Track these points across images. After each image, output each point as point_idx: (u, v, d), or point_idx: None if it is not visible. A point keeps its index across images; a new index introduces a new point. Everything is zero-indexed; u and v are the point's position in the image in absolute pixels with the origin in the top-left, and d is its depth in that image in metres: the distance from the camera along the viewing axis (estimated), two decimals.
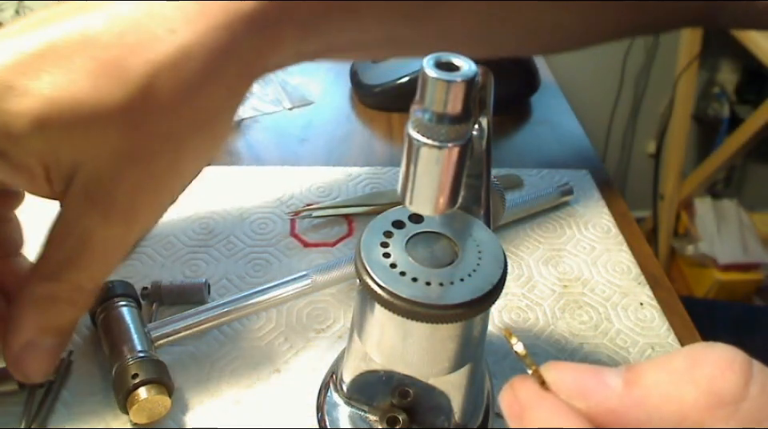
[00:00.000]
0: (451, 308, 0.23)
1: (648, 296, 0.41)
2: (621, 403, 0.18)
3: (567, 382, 0.19)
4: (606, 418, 0.18)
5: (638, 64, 1.55)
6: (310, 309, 0.39)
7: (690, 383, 0.17)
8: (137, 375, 0.31)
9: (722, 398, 0.17)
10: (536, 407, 0.19)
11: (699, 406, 0.17)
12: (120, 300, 0.35)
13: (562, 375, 0.19)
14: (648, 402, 0.18)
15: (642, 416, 0.18)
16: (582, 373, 0.19)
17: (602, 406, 0.18)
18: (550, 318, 0.39)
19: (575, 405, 0.19)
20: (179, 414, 0.33)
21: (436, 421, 0.30)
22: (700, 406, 0.17)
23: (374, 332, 0.27)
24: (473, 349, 0.28)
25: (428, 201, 0.23)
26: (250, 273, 0.41)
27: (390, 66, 0.57)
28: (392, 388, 0.30)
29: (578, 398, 0.19)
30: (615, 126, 1.65)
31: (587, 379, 0.19)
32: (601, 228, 0.46)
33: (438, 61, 0.21)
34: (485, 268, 0.25)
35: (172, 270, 0.41)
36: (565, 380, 0.19)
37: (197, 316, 0.36)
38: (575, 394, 0.19)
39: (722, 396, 0.17)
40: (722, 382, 0.17)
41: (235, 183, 0.48)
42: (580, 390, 0.19)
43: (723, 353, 0.18)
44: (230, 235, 0.43)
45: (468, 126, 0.22)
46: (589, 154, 0.55)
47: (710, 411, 0.17)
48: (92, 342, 0.36)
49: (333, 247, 0.43)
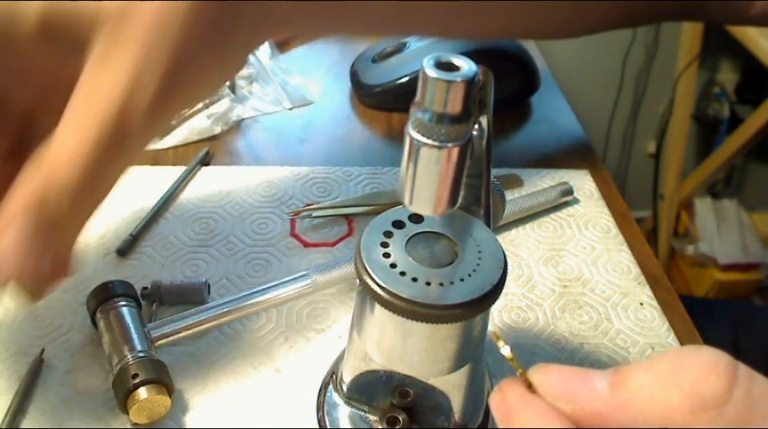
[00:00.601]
0: (451, 308, 0.23)
1: (648, 296, 0.41)
2: (606, 406, 0.18)
3: (553, 384, 0.19)
4: (591, 421, 0.18)
5: (638, 64, 1.55)
6: (310, 309, 0.39)
7: (675, 386, 0.17)
8: (137, 375, 0.31)
9: (706, 402, 0.17)
10: (522, 410, 0.19)
11: (683, 410, 0.17)
12: (120, 300, 0.35)
13: (548, 378, 0.19)
14: (633, 406, 0.18)
15: (626, 419, 0.18)
16: (569, 376, 0.19)
17: (587, 408, 0.18)
18: (550, 318, 0.39)
19: (561, 407, 0.19)
20: (179, 414, 0.33)
21: (436, 421, 0.30)
22: (684, 410, 0.17)
23: (373, 332, 0.27)
24: (473, 349, 0.28)
25: (428, 201, 0.23)
26: (250, 273, 0.41)
27: (390, 66, 0.57)
28: (392, 388, 0.30)
29: (564, 401, 0.19)
30: (615, 126, 1.65)
31: (573, 382, 0.19)
32: (601, 228, 0.46)
33: (438, 61, 0.21)
34: (485, 268, 0.25)
35: (172, 270, 0.41)
36: (551, 383, 0.19)
37: (197, 316, 0.36)
38: (561, 396, 0.19)
39: (706, 400, 0.17)
40: (706, 386, 0.17)
41: (235, 183, 0.48)
42: (566, 392, 0.19)
43: (708, 356, 0.18)
44: (230, 235, 0.43)
45: (468, 126, 0.22)
46: (589, 154, 0.55)
47: (693, 415, 0.17)
48: (92, 342, 0.36)
49: (333, 247, 0.43)
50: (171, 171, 0.48)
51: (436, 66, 0.21)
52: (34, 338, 0.36)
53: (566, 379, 0.19)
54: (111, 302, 0.35)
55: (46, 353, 0.35)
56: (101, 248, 0.42)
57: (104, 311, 0.34)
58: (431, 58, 0.21)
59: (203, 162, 0.50)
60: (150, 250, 0.42)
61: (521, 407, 0.19)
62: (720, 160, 1.41)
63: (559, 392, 0.19)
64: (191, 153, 0.51)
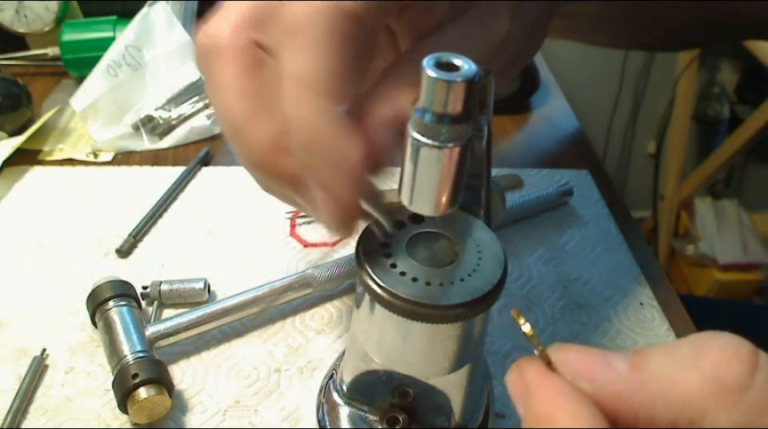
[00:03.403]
0: (451, 308, 0.23)
1: (648, 296, 0.41)
2: (626, 386, 0.18)
3: (573, 363, 0.19)
4: (610, 401, 0.18)
5: (638, 64, 1.55)
6: (310, 309, 0.39)
7: (696, 370, 0.17)
8: (137, 375, 0.31)
9: (727, 386, 0.17)
10: (541, 387, 0.19)
11: (704, 393, 0.17)
12: (120, 300, 0.35)
13: (568, 356, 0.19)
14: (653, 387, 0.18)
15: (646, 400, 0.18)
16: (589, 355, 0.19)
17: (607, 388, 0.18)
18: (550, 318, 0.39)
19: (581, 386, 0.19)
20: (179, 414, 0.33)
21: (436, 421, 0.30)
22: (705, 393, 0.17)
23: (374, 332, 0.27)
24: (473, 349, 0.28)
25: (428, 201, 0.23)
26: (250, 273, 0.41)
27: None
28: (392, 388, 0.30)
29: (584, 380, 0.19)
30: (615, 126, 1.64)
31: (593, 361, 0.19)
32: (601, 228, 0.46)
33: (438, 61, 0.21)
34: (485, 268, 0.25)
35: (172, 270, 0.41)
36: (571, 361, 0.19)
37: (197, 316, 0.36)
38: (581, 375, 0.19)
39: (727, 384, 0.17)
40: (728, 370, 0.17)
41: (235, 183, 0.48)
42: (586, 371, 0.19)
43: (729, 341, 0.18)
44: (230, 235, 0.43)
45: (468, 126, 0.22)
46: (589, 154, 0.55)
47: (714, 398, 0.17)
48: (92, 342, 0.36)
49: (333, 247, 0.43)
50: (171, 171, 0.48)
51: (436, 66, 0.21)
52: (34, 338, 0.36)
53: (586, 358, 0.19)
54: (111, 302, 0.35)
55: (46, 353, 0.35)
56: (101, 248, 0.42)
57: (104, 311, 0.34)
58: (431, 58, 0.21)
59: (203, 162, 0.50)
60: (150, 250, 0.42)
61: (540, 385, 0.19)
62: (720, 160, 1.41)
63: (579, 371, 0.19)
64: (191, 153, 0.51)
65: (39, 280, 0.40)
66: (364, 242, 0.26)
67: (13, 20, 0.62)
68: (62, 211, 0.45)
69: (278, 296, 0.38)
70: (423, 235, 0.26)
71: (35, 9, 0.62)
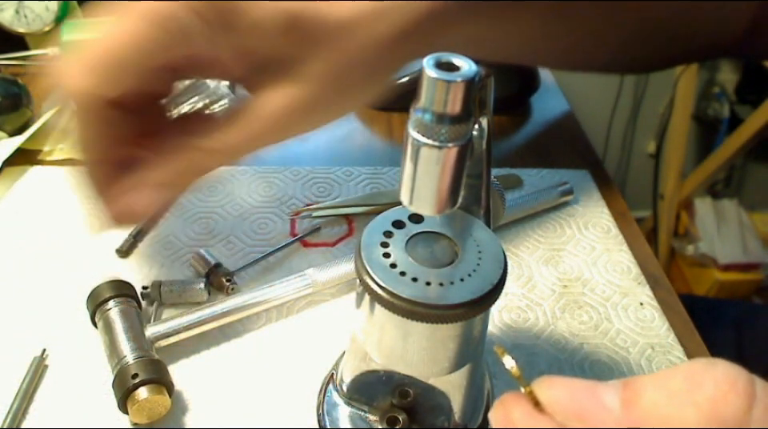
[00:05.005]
0: (451, 308, 0.23)
1: (648, 296, 0.41)
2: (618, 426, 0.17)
3: (563, 402, 0.18)
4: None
5: None
6: (310, 309, 0.39)
7: (691, 405, 0.17)
8: (137, 375, 0.31)
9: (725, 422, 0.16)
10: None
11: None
12: (120, 300, 0.35)
13: (556, 394, 0.18)
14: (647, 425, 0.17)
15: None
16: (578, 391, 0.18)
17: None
18: (550, 318, 0.39)
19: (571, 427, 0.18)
20: (179, 414, 0.33)
21: (436, 421, 0.30)
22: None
23: (374, 332, 0.27)
24: (473, 349, 0.28)
25: (428, 201, 0.23)
26: (250, 272, 0.41)
27: None
28: (392, 388, 0.30)
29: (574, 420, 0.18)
30: (615, 126, 1.65)
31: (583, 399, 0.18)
32: (601, 228, 0.46)
33: (438, 61, 0.21)
34: (485, 268, 0.25)
35: (172, 270, 0.41)
36: (560, 400, 0.18)
37: (197, 316, 0.36)
38: (571, 415, 0.18)
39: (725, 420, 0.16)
40: (725, 406, 0.16)
41: (235, 183, 0.48)
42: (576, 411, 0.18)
43: (725, 372, 0.17)
44: (230, 235, 0.43)
45: (468, 126, 0.22)
46: (589, 154, 0.55)
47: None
48: (92, 342, 0.36)
49: (333, 247, 0.43)
50: None
51: (436, 66, 0.21)
52: (34, 338, 0.36)
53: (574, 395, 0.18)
54: (111, 301, 0.35)
55: (46, 353, 0.35)
56: (101, 248, 0.42)
57: (104, 311, 0.34)
58: (431, 58, 0.21)
59: None
60: (150, 250, 0.42)
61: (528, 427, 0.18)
62: (720, 160, 1.41)
63: (568, 410, 0.18)
64: None
65: (39, 280, 0.40)
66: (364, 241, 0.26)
67: (13, 20, 0.62)
68: (62, 211, 0.45)
69: (277, 296, 0.38)
70: (423, 235, 0.26)
71: (35, 9, 0.62)
